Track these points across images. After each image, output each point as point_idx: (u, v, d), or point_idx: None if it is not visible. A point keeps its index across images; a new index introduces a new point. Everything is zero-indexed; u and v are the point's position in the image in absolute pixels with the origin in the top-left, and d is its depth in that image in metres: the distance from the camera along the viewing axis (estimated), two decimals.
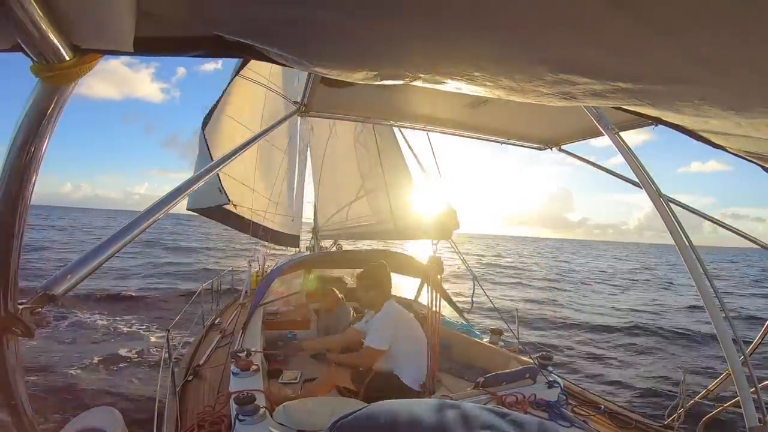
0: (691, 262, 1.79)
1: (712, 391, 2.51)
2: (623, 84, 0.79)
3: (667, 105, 0.91)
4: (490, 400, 2.18)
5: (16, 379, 0.67)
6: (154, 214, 1.05)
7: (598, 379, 7.01)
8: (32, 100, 0.57)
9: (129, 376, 6.31)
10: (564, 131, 2.77)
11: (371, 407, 0.68)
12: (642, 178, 1.96)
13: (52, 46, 0.49)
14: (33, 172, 0.62)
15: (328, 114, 2.58)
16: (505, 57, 0.78)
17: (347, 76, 0.94)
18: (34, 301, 0.69)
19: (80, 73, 0.55)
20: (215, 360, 3.34)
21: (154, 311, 11.49)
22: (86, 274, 0.81)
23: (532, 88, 0.90)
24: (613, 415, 2.72)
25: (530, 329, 10.29)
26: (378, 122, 2.76)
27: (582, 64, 0.74)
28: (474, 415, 0.63)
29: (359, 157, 5.12)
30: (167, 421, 2.31)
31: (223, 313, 5.28)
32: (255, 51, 0.74)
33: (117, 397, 5.41)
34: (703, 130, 1.26)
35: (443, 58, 0.83)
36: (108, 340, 8.11)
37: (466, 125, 2.76)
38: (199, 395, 2.73)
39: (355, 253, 5.15)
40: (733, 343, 1.70)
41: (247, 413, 1.81)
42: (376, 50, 0.82)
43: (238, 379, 2.33)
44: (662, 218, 1.88)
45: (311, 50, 0.81)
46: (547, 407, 2.17)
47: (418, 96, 2.33)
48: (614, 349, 9.16)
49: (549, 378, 2.44)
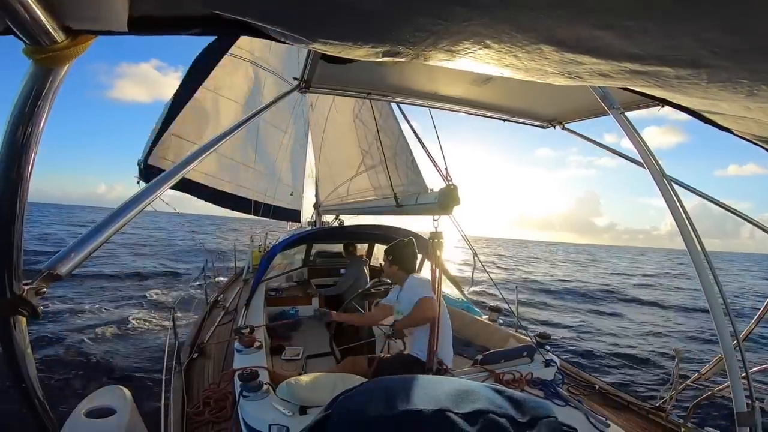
0: (690, 243, 1.79)
1: (704, 375, 2.56)
2: (631, 65, 0.77)
3: (675, 87, 0.89)
4: (487, 378, 2.22)
5: (26, 361, 0.68)
6: (153, 192, 1.05)
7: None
8: (26, 83, 0.56)
9: (136, 353, 6.45)
10: (568, 109, 2.72)
11: (370, 382, 0.70)
12: (646, 158, 1.95)
13: (44, 27, 0.47)
14: (31, 154, 0.62)
15: (329, 90, 2.53)
16: (509, 35, 0.76)
17: (348, 53, 0.91)
18: (39, 281, 0.69)
19: (74, 54, 0.54)
20: (219, 337, 3.41)
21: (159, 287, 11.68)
22: (90, 252, 0.82)
23: (537, 67, 0.88)
24: (607, 395, 2.79)
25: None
26: (380, 98, 2.70)
27: (589, 44, 0.72)
28: (471, 391, 0.64)
29: (359, 133, 5.06)
30: (173, 398, 2.37)
31: (226, 290, 5.35)
32: (253, 28, 0.72)
33: (125, 375, 5.55)
34: (710, 112, 1.24)
35: (446, 36, 0.80)
36: (112, 319, 8.27)
37: (469, 102, 2.71)
38: (204, 373, 2.80)
39: (355, 228, 5.17)
40: (727, 328, 1.72)
41: (250, 390, 1.85)
42: (377, 27, 0.80)
43: (241, 356, 2.38)
44: (664, 199, 1.87)
45: (310, 27, 0.78)
46: (543, 386, 2.22)
47: (421, 72, 2.28)
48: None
49: (546, 357, 2.49)
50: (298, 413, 1.73)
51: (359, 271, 4.55)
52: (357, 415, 0.59)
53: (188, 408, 2.27)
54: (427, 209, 2.78)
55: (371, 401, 0.61)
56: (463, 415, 0.58)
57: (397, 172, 3.94)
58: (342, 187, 6.35)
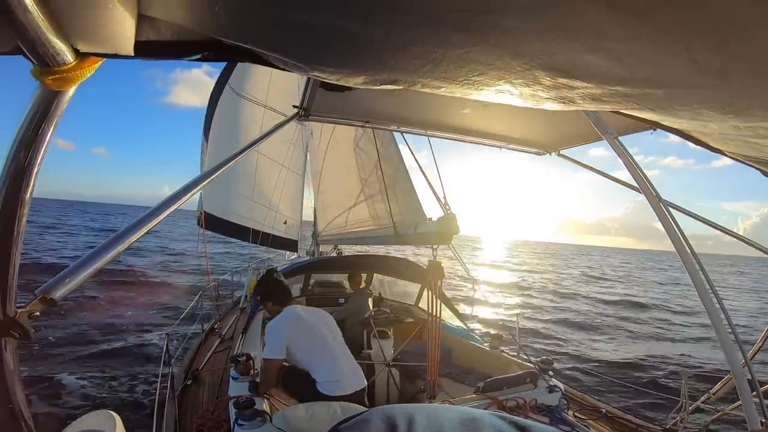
0: (691, 267, 1.79)
1: (714, 394, 2.50)
2: (621, 88, 0.80)
3: (666, 109, 0.91)
4: (490, 405, 2.16)
5: (14, 383, 0.67)
6: (151, 220, 1.05)
7: None
8: (33, 104, 0.57)
9: (127, 379, 6.28)
10: (563, 136, 2.77)
11: (371, 411, 0.68)
12: (641, 182, 1.97)
13: (53, 49, 0.49)
14: (32, 176, 0.62)
15: (328, 118, 2.58)
16: (503, 62, 0.79)
17: (346, 80, 0.94)
18: (33, 305, 0.68)
19: (80, 77, 0.55)
20: (214, 364, 3.34)
21: (153, 310, 11.47)
22: (84, 279, 0.81)
23: (531, 92, 0.91)
24: (614, 419, 2.70)
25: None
26: (378, 127, 2.76)
27: (580, 68, 0.74)
28: (475, 418, 0.62)
29: (359, 162, 5.13)
30: (166, 424, 2.31)
31: (223, 318, 5.28)
32: (254, 55, 0.75)
33: (116, 400, 5.39)
34: (701, 134, 1.26)
35: (443, 63, 0.83)
36: (106, 341, 8.08)
37: (465, 130, 2.77)
38: (198, 399, 2.73)
39: (354, 258, 5.14)
40: (734, 347, 1.70)
41: (246, 418, 1.81)
42: (374, 55, 0.82)
43: (237, 383, 2.32)
44: (662, 224, 1.88)
45: (310, 55, 0.81)
46: (548, 412, 2.17)
47: (419, 100, 2.33)
48: None
49: (550, 383, 2.44)
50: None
51: (362, 303, 4.48)
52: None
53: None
54: (426, 238, 2.78)
55: (371, 431, 0.59)
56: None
57: (396, 200, 3.96)
58: (341, 216, 6.36)
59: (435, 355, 2.37)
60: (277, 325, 2.41)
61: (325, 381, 2.30)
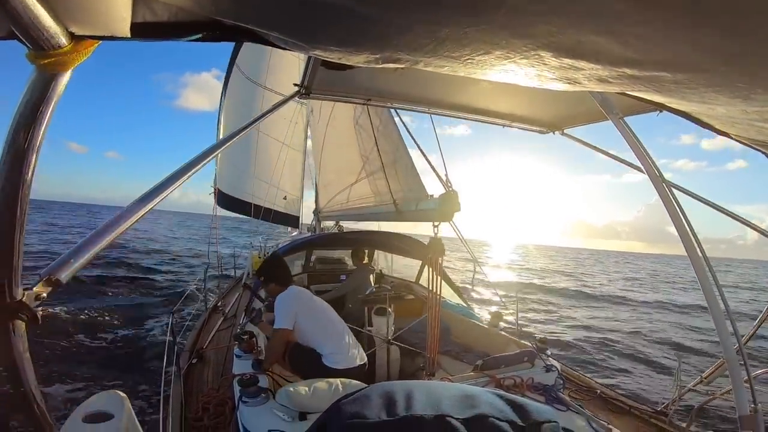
0: (691, 250, 1.79)
1: (706, 379, 2.55)
2: (629, 70, 0.78)
3: (673, 91, 0.89)
4: (488, 383, 2.21)
5: (25, 367, 0.68)
6: (152, 199, 1.05)
7: None
8: (29, 88, 0.56)
9: (135, 359, 6.41)
10: (567, 115, 2.73)
11: (370, 387, 0.69)
12: (645, 163, 1.95)
13: (47, 32, 0.48)
14: (32, 158, 0.62)
15: (329, 96, 2.54)
16: (508, 42, 0.77)
17: (348, 59, 0.92)
18: (39, 286, 0.69)
19: (76, 60, 0.54)
20: (218, 343, 3.40)
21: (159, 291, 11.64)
22: (89, 259, 0.82)
23: (536, 72, 0.89)
24: (608, 400, 2.78)
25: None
26: (380, 105, 2.71)
27: (587, 50, 0.73)
28: (472, 396, 0.64)
29: (359, 139, 5.08)
30: (173, 403, 2.36)
31: (226, 296, 5.34)
32: (254, 35, 0.73)
33: (123, 380, 5.52)
34: (708, 116, 1.24)
35: (446, 43, 0.81)
36: (112, 323, 8.24)
37: (468, 108, 2.73)
38: (203, 378, 2.79)
39: (356, 234, 5.15)
40: (729, 332, 1.72)
41: (249, 395, 1.85)
42: (377, 34, 0.80)
43: (241, 361, 2.37)
44: (665, 205, 1.88)
45: (311, 34, 0.79)
46: (545, 391, 2.21)
47: (421, 78, 2.29)
48: None
49: (547, 362, 2.48)
50: (298, 419, 1.72)
51: (363, 279, 4.53)
52: (356, 421, 0.58)
53: (187, 413, 2.25)
54: (427, 215, 2.78)
55: (371, 407, 0.60)
56: (464, 420, 0.57)
57: (397, 178, 3.94)
58: (342, 193, 6.35)
59: (435, 332, 2.41)
60: (287, 297, 2.54)
61: (330, 353, 2.39)
